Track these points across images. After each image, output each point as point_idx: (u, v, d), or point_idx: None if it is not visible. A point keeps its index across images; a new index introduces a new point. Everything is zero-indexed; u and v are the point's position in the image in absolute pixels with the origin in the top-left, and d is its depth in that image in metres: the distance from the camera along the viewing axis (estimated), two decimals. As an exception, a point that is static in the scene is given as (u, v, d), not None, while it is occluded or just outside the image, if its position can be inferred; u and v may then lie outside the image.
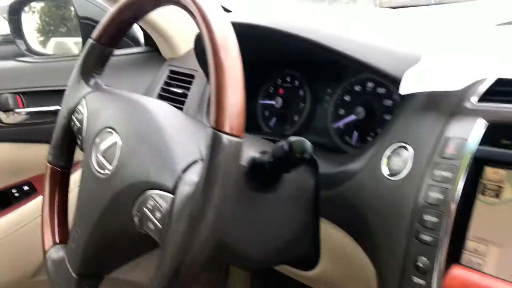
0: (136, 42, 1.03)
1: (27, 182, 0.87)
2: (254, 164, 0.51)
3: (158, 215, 0.44)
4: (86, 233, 0.54)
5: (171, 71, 0.91)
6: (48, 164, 0.66)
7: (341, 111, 0.69)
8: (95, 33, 0.62)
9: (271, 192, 0.54)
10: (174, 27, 0.90)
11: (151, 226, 0.45)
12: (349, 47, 0.57)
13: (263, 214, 0.54)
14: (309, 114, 0.74)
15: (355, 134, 0.67)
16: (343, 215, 0.57)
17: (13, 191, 0.86)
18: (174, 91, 0.87)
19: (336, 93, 0.70)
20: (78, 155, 0.61)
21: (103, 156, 0.53)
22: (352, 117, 0.66)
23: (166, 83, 0.90)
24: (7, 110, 0.83)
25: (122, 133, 0.53)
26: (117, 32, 0.62)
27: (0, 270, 0.81)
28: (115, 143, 0.53)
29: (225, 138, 0.40)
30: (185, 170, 0.45)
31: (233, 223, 0.51)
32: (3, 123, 0.83)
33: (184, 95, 0.84)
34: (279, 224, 0.57)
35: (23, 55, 0.97)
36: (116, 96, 0.61)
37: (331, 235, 0.59)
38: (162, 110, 0.55)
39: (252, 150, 0.52)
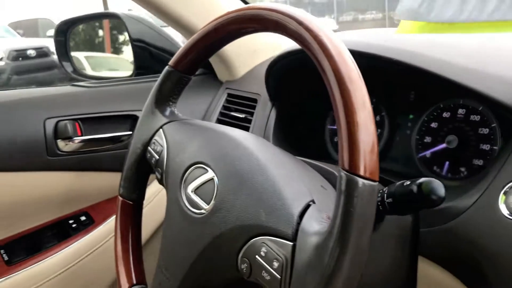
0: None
1: (84, 212, 0.84)
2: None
3: (275, 264, 0.40)
4: (178, 278, 0.50)
5: (230, 95, 0.88)
6: (120, 198, 0.62)
7: (427, 139, 0.65)
8: (174, 60, 0.59)
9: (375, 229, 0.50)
10: (233, 50, 0.87)
11: (265, 276, 0.41)
12: (454, 72, 0.54)
13: (377, 253, 0.51)
14: (387, 142, 0.70)
15: (446, 164, 0.63)
16: (447, 255, 0.53)
17: (70, 221, 0.83)
18: (234, 115, 0.84)
19: (421, 120, 0.66)
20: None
21: (196, 194, 0.50)
22: (443, 146, 0.62)
23: (225, 107, 0.87)
24: (66, 138, 0.80)
25: (218, 170, 0.49)
26: (197, 60, 0.58)
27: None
28: (211, 181, 0.49)
29: (361, 182, 0.36)
30: (301, 215, 0.41)
31: None
32: (61, 151, 0.80)
33: (247, 120, 0.81)
34: (376, 261, 0.53)
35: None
36: (200, 128, 0.57)
37: (430, 274, 0.55)
38: (258, 144, 0.51)
39: None
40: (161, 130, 0.59)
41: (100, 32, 1.21)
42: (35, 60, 8.03)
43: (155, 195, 0.83)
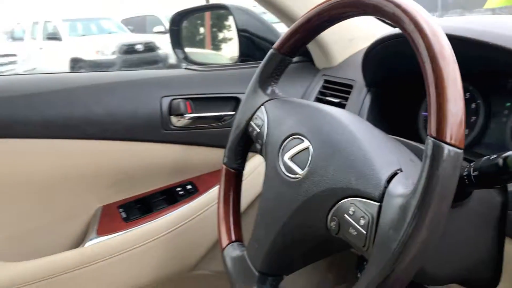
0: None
1: (190, 182, 0.94)
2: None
3: (362, 222, 0.45)
4: (272, 234, 0.56)
5: (326, 81, 0.93)
6: (224, 166, 0.70)
7: None
8: (278, 43, 0.65)
9: (459, 207, 0.52)
10: (331, 37, 0.92)
11: (352, 232, 0.46)
12: None
13: (448, 228, 0.53)
14: (482, 129, 0.71)
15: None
16: None
17: (178, 189, 0.93)
18: (330, 101, 0.89)
19: None
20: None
21: (292, 161, 0.55)
22: None
23: (321, 93, 0.92)
24: (178, 114, 0.90)
25: (313, 140, 0.54)
26: (299, 42, 0.64)
27: (163, 263, 0.88)
28: (306, 149, 0.54)
29: (446, 148, 0.39)
30: (389, 180, 0.45)
31: None
32: (174, 126, 0.90)
33: (341, 105, 0.85)
34: (461, 240, 0.55)
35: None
36: (298, 104, 0.63)
37: None
38: (348, 117, 0.56)
39: None
40: (263, 106, 0.66)
41: (201, 30, 1.32)
42: (142, 54, 8.63)
43: (252, 170, 0.90)
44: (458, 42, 0.59)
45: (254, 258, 0.60)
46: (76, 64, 8.57)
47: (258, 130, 0.65)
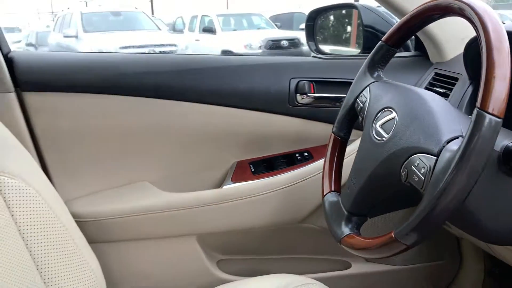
0: (406, 48, 1.20)
1: (307, 150, 1.14)
2: (508, 151, 0.61)
3: (422, 170, 0.60)
4: (360, 183, 0.73)
5: (436, 73, 1.05)
6: (332, 134, 0.88)
7: None
8: (385, 36, 0.81)
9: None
10: (446, 35, 1.03)
11: (415, 178, 0.61)
12: None
13: (507, 195, 0.64)
14: None
15: None
16: None
17: (296, 155, 1.14)
18: (437, 91, 1.01)
19: None
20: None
21: (381, 128, 0.72)
22: None
23: (430, 84, 1.04)
24: (302, 93, 1.10)
25: (399, 112, 0.70)
26: (403, 36, 0.79)
27: (279, 211, 1.09)
28: (393, 119, 0.70)
29: (487, 116, 0.53)
30: (448, 141, 0.60)
31: (479, 195, 0.62)
32: (298, 103, 1.11)
33: (446, 95, 0.97)
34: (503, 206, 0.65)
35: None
36: (395, 85, 0.78)
37: None
38: (432, 97, 0.70)
39: (507, 140, 0.63)
40: (368, 87, 0.83)
41: (347, 28, 1.48)
42: (287, 49, 9.01)
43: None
44: None
45: (345, 201, 0.78)
46: (226, 55, 9.28)
47: (362, 106, 0.82)
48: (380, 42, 0.82)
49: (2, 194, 0.77)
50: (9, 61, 1.02)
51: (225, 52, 9.25)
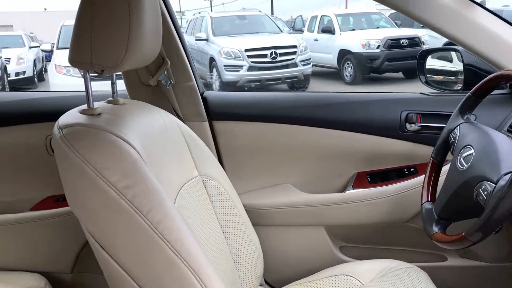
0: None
1: (413, 166, 1.47)
2: None
3: (485, 193, 0.92)
4: (447, 197, 1.07)
5: None
6: (431, 158, 1.21)
7: None
8: (473, 89, 1.12)
9: None
10: None
11: (481, 197, 0.93)
12: None
13: None
14: None
15: None
16: None
17: (405, 170, 1.48)
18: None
19: None
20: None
21: (463, 159, 1.04)
22: None
23: None
24: (411, 122, 1.44)
25: (476, 150, 1.02)
26: (489, 89, 1.10)
27: (389, 212, 1.42)
28: (471, 154, 1.03)
29: None
30: (504, 174, 0.91)
31: None
32: (407, 130, 1.45)
33: None
34: None
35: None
36: (478, 128, 1.10)
37: None
38: (501, 139, 1.01)
39: None
40: (458, 126, 1.15)
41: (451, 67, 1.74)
42: (406, 48, 8.97)
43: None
44: None
45: (436, 208, 1.11)
46: (344, 55, 9.49)
47: (453, 140, 1.14)
48: (468, 93, 1.14)
49: (207, 191, 1.23)
50: (204, 99, 1.51)
51: (343, 52, 9.47)
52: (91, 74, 0.98)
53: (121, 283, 0.86)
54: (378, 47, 9.04)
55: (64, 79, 7.30)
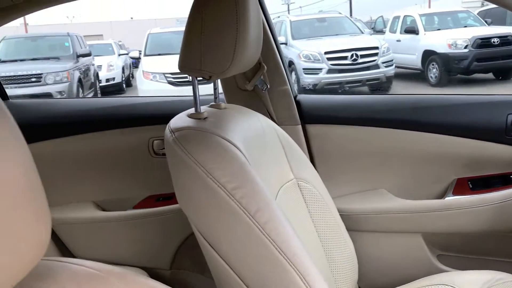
0: None
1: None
2: None
3: None
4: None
5: None
6: None
7: None
8: None
9: None
10: None
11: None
12: None
13: None
14: None
15: None
16: None
17: (510, 176, 1.39)
18: None
19: None
20: None
21: None
22: None
23: None
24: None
25: None
26: None
27: (491, 223, 1.35)
28: None
29: None
30: None
31: None
32: None
33: None
34: None
35: None
36: None
37: None
38: None
39: None
40: None
41: None
42: (498, 48, 8.44)
43: None
44: None
45: None
46: (428, 56, 9.12)
47: None
48: None
49: (302, 194, 1.23)
50: (297, 102, 1.52)
51: (428, 53, 9.11)
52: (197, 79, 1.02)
53: (227, 280, 0.89)
54: (466, 47, 8.59)
55: (151, 85, 7.70)
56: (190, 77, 1.02)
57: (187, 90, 7.70)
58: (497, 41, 8.50)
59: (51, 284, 0.46)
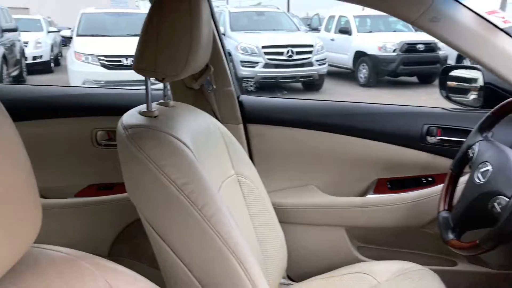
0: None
1: (431, 176, 1.58)
2: None
3: (500, 206, 1.03)
4: (463, 207, 1.17)
5: None
6: (450, 171, 1.32)
7: None
8: (493, 110, 1.23)
9: None
10: None
11: (495, 210, 1.04)
12: None
13: None
14: None
15: None
16: None
17: (423, 179, 1.58)
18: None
19: None
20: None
21: (481, 174, 1.14)
22: None
23: None
24: (431, 135, 1.54)
25: (493, 166, 1.12)
26: (508, 111, 1.20)
27: (405, 219, 1.53)
28: (487, 170, 1.13)
29: None
30: None
31: None
32: (428, 142, 1.55)
33: None
34: None
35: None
36: (495, 146, 1.20)
37: None
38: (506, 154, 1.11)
39: None
40: (477, 143, 1.25)
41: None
42: (422, 53, 9.01)
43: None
44: None
45: (452, 216, 1.22)
46: (359, 57, 9.55)
47: (471, 155, 1.25)
48: (489, 113, 1.24)
49: (241, 188, 1.34)
50: (240, 102, 1.62)
51: (359, 53, 9.53)
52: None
53: (173, 267, 0.98)
54: (394, 51, 9.09)
55: (82, 66, 7.44)
56: (144, 77, 1.09)
57: (121, 74, 7.57)
58: (422, 47, 9.07)
59: (34, 269, 0.52)
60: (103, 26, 8.27)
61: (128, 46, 7.97)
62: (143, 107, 1.12)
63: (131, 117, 1.07)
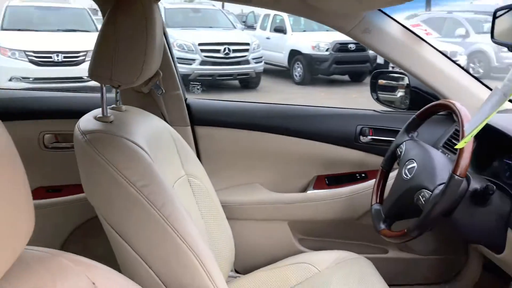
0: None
1: (364, 172, 1.73)
2: (477, 191, 1.16)
3: (424, 198, 1.18)
4: (393, 200, 1.32)
5: (456, 130, 1.59)
6: (381, 167, 1.46)
7: None
8: (418, 113, 1.38)
9: (483, 206, 1.18)
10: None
11: (420, 202, 1.19)
12: None
13: (475, 214, 1.20)
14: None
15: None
16: None
17: (357, 175, 1.73)
18: (454, 142, 1.55)
19: None
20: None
21: (407, 171, 1.29)
22: None
23: (451, 136, 1.59)
24: (364, 135, 1.69)
25: (418, 163, 1.28)
26: (430, 114, 1.37)
27: (342, 212, 1.67)
28: (413, 166, 1.28)
29: (455, 177, 1.10)
30: (438, 185, 1.17)
31: (462, 213, 1.18)
32: (361, 141, 1.70)
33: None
34: (483, 223, 1.21)
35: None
36: (420, 145, 1.36)
37: None
38: (437, 155, 1.27)
39: (478, 185, 1.18)
40: (404, 142, 1.40)
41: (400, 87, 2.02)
42: (353, 53, 9.41)
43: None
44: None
45: (383, 209, 1.36)
46: (294, 55, 9.79)
47: (399, 153, 1.40)
48: (414, 116, 1.40)
49: (191, 188, 1.41)
50: (187, 105, 1.69)
51: (293, 52, 9.77)
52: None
53: (132, 264, 1.04)
54: (327, 50, 9.40)
55: (8, 62, 7.08)
56: (100, 84, 1.13)
57: (51, 71, 7.28)
58: (353, 47, 9.45)
59: (25, 268, 0.57)
60: (30, 20, 7.89)
61: (59, 41, 7.75)
62: (98, 112, 1.16)
63: (88, 122, 1.11)
